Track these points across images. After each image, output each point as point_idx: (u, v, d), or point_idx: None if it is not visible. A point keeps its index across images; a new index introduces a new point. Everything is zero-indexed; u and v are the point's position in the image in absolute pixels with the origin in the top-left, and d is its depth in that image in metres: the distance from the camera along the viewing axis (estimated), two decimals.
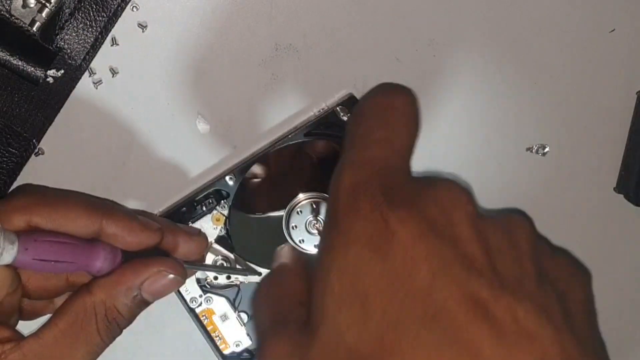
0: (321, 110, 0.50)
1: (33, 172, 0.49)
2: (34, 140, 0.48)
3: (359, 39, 0.50)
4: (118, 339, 0.43)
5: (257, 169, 0.50)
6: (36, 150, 0.49)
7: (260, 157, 0.49)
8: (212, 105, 0.50)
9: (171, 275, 0.43)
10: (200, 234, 0.47)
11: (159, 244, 0.44)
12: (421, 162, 0.50)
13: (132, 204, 0.50)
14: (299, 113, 0.50)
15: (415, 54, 0.50)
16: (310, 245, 0.49)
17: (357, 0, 0.50)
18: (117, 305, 0.41)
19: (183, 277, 0.43)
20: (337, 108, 0.48)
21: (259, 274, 0.48)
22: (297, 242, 0.49)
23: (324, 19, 0.50)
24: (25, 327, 0.43)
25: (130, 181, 0.50)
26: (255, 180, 0.50)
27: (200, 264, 0.48)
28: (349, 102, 0.48)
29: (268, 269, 0.49)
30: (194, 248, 0.46)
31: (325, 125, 0.48)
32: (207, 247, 0.49)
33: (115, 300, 0.41)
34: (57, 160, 0.50)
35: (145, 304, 0.43)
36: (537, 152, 0.51)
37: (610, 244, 0.52)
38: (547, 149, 0.51)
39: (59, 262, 0.40)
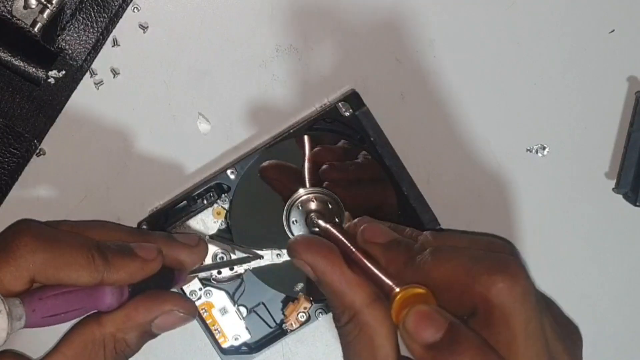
0: (323, 106, 0.50)
1: (34, 173, 0.49)
2: (36, 141, 0.49)
3: (359, 40, 0.50)
4: None
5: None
6: (37, 151, 0.49)
7: (262, 151, 0.49)
8: (213, 105, 0.50)
9: (182, 314, 0.43)
10: (200, 243, 0.47)
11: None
12: (422, 163, 0.51)
13: (132, 204, 0.50)
14: (300, 111, 0.50)
15: (415, 54, 0.50)
16: None
17: (357, 1, 0.50)
18: (127, 338, 0.42)
19: (194, 315, 0.44)
20: (339, 103, 0.48)
21: (261, 256, 0.48)
22: None
23: (324, 20, 0.50)
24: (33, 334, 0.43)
25: (131, 182, 0.50)
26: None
27: (203, 266, 0.48)
28: (351, 98, 0.48)
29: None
30: (196, 259, 0.47)
31: (327, 121, 0.48)
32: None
33: (126, 334, 0.42)
34: (59, 160, 0.50)
35: (152, 336, 0.43)
36: (537, 152, 0.51)
37: (609, 244, 0.52)
38: (547, 149, 0.51)
39: (68, 312, 0.40)
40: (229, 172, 0.48)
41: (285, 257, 0.49)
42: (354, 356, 0.38)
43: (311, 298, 0.49)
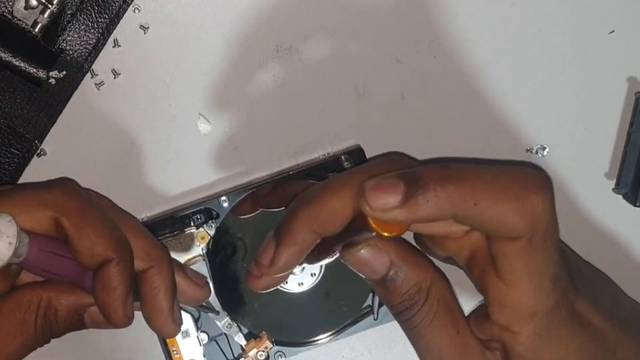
0: (326, 155, 0.50)
1: (35, 173, 0.49)
2: (36, 141, 0.49)
3: (359, 41, 0.50)
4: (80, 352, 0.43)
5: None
6: (38, 151, 0.49)
7: (258, 186, 0.48)
8: (213, 106, 0.50)
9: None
10: (206, 285, 0.46)
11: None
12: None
13: (132, 204, 0.50)
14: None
15: (415, 55, 0.50)
16: None
17: (357, 1, 0.50)
18: (59, 309, 0.41)
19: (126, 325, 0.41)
20: (342, 157, 0.48)
21: (217, 312, 0.48)
22: None
23: (325, 21, 0.50)
24: None
25: (132, 182, 0.50)
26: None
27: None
28: (355, 153, 0.48)
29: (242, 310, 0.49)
30: (199, 299, 0.46)
31: (327, 169, 0.48)
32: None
33: (60, 303, 0.41)
34: (59, 161, 0.50)
35: (80, 325, 0.42)
36: (537, 152, 0.52)
37: (609, 244, 0.52)
38: (547, 150, 0.51)
39: (57, 275, 0.40)
40: (222, 199, 0.48)
41: (232, 330, 0.48)
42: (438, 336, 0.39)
43: (274, 339, 0.48)
